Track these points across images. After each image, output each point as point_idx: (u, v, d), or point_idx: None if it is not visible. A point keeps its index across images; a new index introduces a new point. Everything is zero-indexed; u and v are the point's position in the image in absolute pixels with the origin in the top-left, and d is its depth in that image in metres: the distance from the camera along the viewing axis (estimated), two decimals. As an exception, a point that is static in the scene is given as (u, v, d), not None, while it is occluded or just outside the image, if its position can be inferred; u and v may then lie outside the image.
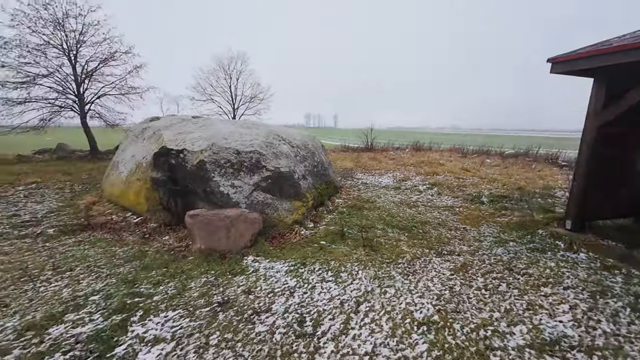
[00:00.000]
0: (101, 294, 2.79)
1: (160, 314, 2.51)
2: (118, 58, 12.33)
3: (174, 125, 5.87)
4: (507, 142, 19.98)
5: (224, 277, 3.18)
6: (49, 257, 3.61)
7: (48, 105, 11.50)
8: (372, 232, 4.49)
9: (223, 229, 3.89)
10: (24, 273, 3.16)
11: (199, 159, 4.46)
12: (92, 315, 2.44)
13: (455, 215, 5.28)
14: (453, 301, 2.67)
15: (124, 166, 6.17)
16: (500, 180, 8.23)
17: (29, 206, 6.01)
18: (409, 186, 7.76)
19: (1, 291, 2.81)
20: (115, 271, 3.28)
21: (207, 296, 2.78)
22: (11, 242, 4.18)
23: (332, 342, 2.17)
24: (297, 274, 3.22)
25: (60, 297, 2.72)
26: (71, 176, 9.07)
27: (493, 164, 11.94)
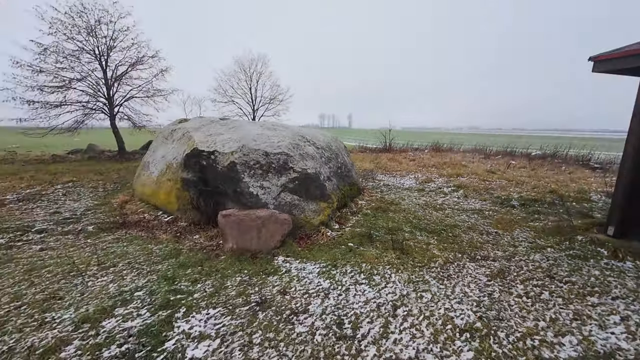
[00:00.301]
0: (145, 289, 2.91)
1: (202, 311, 2.59)
2: (145, 62, 12.83)
3: (203, 127, 6.03)
4: (529, 143, 19.23)
5: (258, 277, 3.24)
6: (92, 253, 3.81)
7: (81, 107, 12.11)
8: (400, 235, 4.44)
9: (254, 229, 3.96)
10: (72, 268, 3.35)
11: (230, 160, 4.56)
12: (140, 311, 2.56)
13: (485, 219, 5.14)
14: (494, 308, 2.60)
15: (155, 167, 6.41)
16: (529, 183, 7.93)
17: (68, 204, 6.35)
18: (432, 188, 7.62)
19: (54, 284, 2.99)
20: (155, 268, 3.41)
21: (244, 295, 2.85)
22: (56, 237, 4.43)
23: (374, 346, 2.17)
24: (330, 276, 3.24)
25: (108, 291, 2.86)
26: (103, 176, 9.51)
27: (519, 165, 11.52)
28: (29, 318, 2.42)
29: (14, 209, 5.83)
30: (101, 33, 12.01)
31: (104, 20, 11.92)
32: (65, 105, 11.63)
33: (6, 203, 6.17)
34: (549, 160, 12.96)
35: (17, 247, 4.04)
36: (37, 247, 4.03)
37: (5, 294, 2.79)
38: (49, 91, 11.29)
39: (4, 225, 4.81)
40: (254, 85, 16.38)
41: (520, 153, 15.70)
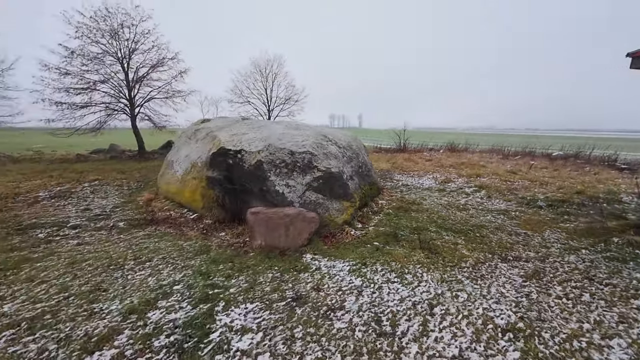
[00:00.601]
0: (182, 284, 2.99)
1: (240, 305, 2.65)
2: (165, 64, 13.14)
3: (227, 126, 6.15)
4: (547, 143, 18.69)
5: (290, 274, 3.28)
6: (127, 248, 3.94)
7: (105, 108, 12.52)
8: (426, 235, 4.41)
9: (282, 227, 4.02)
10: (110, 262, 3.48)
11: (257, 159, 4.64)
12: (181, 303, 2.64)
13: (512, 220, 5.04)
14: (533, 309, 2.56)
15: (179, 165, 6.57)
16: (553, 183, 7.72)
17: (96, 201, 6.57)
18: (453, 188, 7.52)
19: (96, 277, 3.11)
20: (188, 263, 3.50)
21: (279, 291, 2.89)
22: (90, 233, 4.61)
23: (415, 343, 2.17)
24: (361, 274, 3.25)
25: (148, 285, 2.96)
26: (125, 174, 9.79)
27: (540, 166, 11.22)
28: (78, 308, 2.53)
29: (47, 206, 6.08)
30: (123, 36, 12.38)
31: (126, 23, 12.29)
32: (90, 106, 12.05)
33: (40, 200, 6.44)
34: (572, 160, 12.57)
35: (56, 241, 4.22)
36: (75, 242, 4.20)
37: (52, 286, 2.93)
38: (75, 93, 11.71)
39: (40, 220, 5.02)
40: (270, 85, 16.60)
41: (540, 153, 15.31)
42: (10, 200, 6.27)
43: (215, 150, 5.16)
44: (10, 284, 2.94)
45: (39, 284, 2.96)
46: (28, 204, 6.10)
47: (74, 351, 2.01)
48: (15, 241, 4.12)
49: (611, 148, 13.89)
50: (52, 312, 2.46)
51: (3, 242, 4.03)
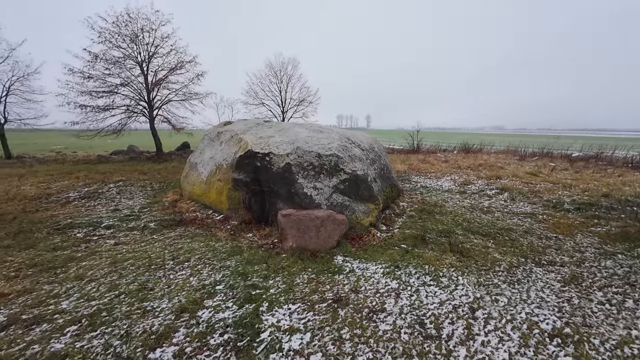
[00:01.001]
0: (223, 284, 3.09)
1: (283, 306, 2.73)
2: (183, 67, 13.42)
3: (251, 129, 6.26)
4: (562, 143, 18.28)
5: (325, 276, 3.34)
6: (162, 248, 4.07)
7: (126, 111, 12.87)
8: (454, 238, 4.41)
9: (313, 229, 4.09)
10: (150, 261, 3.61)
11: (285, 161, 4.72)
12: (226, 303, 2.73)
13: (540, 223, 4.99)
14: (577, 314, 2.55)
15: (203, 167, 6.72)
16: (577, 186, 7.58)
17: (124, 202, 6.78)
18: (474, 190, 7.46)
19: (140, 276, 3.23)
20: (225, 264, 3.60)
21: (318, 292, 2.96)
22: (125, 233, 4.77)
23: (462, 347, 2.20)
24: (395, 276, 3.28)
25: (191, 284, 3.07)
26: (147, 175, 10.05)
27: (560, 167, 11.01)
28: (131, 306, 2.65)
29: (79, 206, 6.31)
30: (143, 40, 12.70)
31: (146, 28, 12.61)
32: (112, 108, 12.40)
33: (71, 200, 6.69)
34: (592, 161, 12.28)
35: (94, 241, 4.39)
36: (112, 242, 4.36)
37: (101, 284, 3.06)
38: (98, 96, 12.07)
39: (76, 221, 5.22)
40: (284, 87, 16.76)
41: (558, 154, 15.00)
42: (44, 201, 6.53)
43: (242, 153, 5.26)
44: (62, 282, 3.09)
45: (89, 282, 3.10)
46: (61, 205, 6.34)
47: (137, 347, 2.12)
48: (56, 240, 4.30)
49: (634, 149, 13.52)
50: (107, 310, 2.58)
51: (46, 242, 4.22)
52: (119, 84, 12.54)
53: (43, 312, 2.53)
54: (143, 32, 12.55)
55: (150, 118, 13.77)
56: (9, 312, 2.51)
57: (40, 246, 4.05)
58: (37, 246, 4.05)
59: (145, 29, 12.57)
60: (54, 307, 2.62)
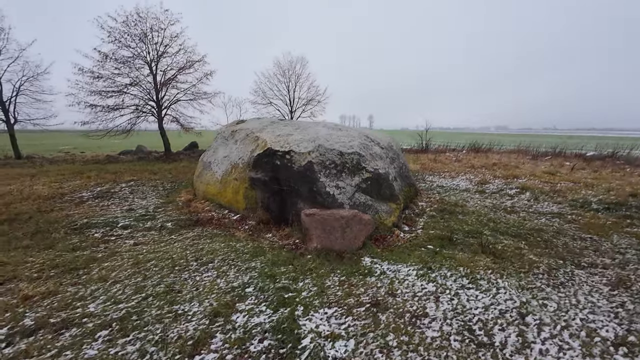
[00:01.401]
0: (253, 286, 2.96)
1: (319, 310, 2.59)
2: (192, 66, 13.35)
3: (267, 127, 6.14)
4: (572, 143, 17.98)
5: (356, 278, 3.20)
6: (183, 249, 3.95)
7: (135, 111, 12.83)
8: (484, 239, 4.24)
9: (339, 229, 3.95)
10: (173, 262, 3.49)
11: (307, 160, 4.59)
12: (259, 307, 2.60)
13: (570, 224, 4.81)
14: (637, 321, 2.39)
15: (218, 167, 6.61)
16: (598, 185, 7.36)
17: (137, 202, 6.69)
18: (493, 190, 7.28)
19: (165, 278, 3.12)
20: (250, 265, 3.48)
21: (353, 296, 2.82)
22: (142, 233, 4.67)
23: (520, 356, 2.05)
24: (430, 279, 3.14)
25: (219, 287, 2.94)
26: (157, 175, 9.96)
27: (577, 167, 10.77)
28: (160, 310, 2.53)
29: (93, 206, 6.23)
30: (152, 40, 12.65)
31: (155, 27, 12.57)
32: (121, 108, 12.37)
33: (85, 200, 6.61)
34: (608, 161, 12.01)
35: (112, 241, 4.29)
36: (131, 242, 4.26)
37: (127, 286, 2.95)
38: (107, 95, 12.05)
39: (92, 220, 5.13)
40: (293, 86, 16.64)
41: (570, 153, 14.74)
42: (58, 200, 6.46)
43: (260, 151, 5.15)
44: (86, 284, 2.98)
45: (113, 284, 2.99)
46: (75, 204, 6.26)
47: (174, 354, 1.99)
48: (75, 241, 4.21)
49: None
50: (136, 313, 2.46)
51: (65, 242, 4.13)
52: (128, 83, 12.51)
53: (71, 315, 2.42)
54: (152, 32, 12.53)
55: (158, 118, 13.72)
56: (35, 315, 2.41)
57: (60, 246, 3.96)
58: (56, 246, 3.96)
59: (155, 29, 12.54)
60: (82, 310, 2.50)
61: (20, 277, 3.06)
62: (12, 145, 12.93)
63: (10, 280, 3.00)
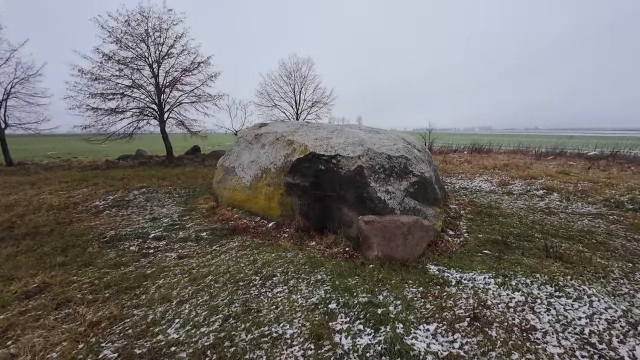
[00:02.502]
0: (334, 302, 2.75)
1: (418, 327, 2.42)
2: (196, 68, 12.96)
3: (298, 130, 5.93)
4: (573, 143, 18.52)
5: (433, 288, 3.05)
6: (235, 261, 3.70)
7: (137, 114, 12.32)
8: (542, 243, 4.17)
9: (400, 236, 3.79)
10: (233, 277, 3.24)
11: (357, 164, 4.42)
12: (356, 326, 2.40)
13: (615, 224, 4.82)
14: None
15: (244, 172, 6.35)
16: (617, 184, 7.49)
17: (157, 210, 6.34)
18: (519, 191, 7.30)
19: (234, 295, 2.87)
20: (316, 277, 3.27)
21: (445, 309, 2.66)
22: (180, 245, 4.37)
23: (658, 370, 1.93)
24: (513, 287, 3.01)
25: (299, 303, 2.72)
26: (167, 181, 9.54)
27: (580, 165, 11.02)
28: (250, 333, 2.29)
29: (112, 215, 5.85)
30: (155, 40, 12.21)
31: (158, 27, 12.13)
32: (124, 111, 11.85)
33: (101, 210, 6.21)
34: (611, 160, 12.37)
35: (152, 254, 3.99)
36: (173, 255, 3.96)
37: (196, 306, 2.69)
38: (109, 98, 11.52)
39: (120, 232, 4.79)
40: (299, 88, 16.40)
41: (570, 153, 15.14)
42: (74, 210, 6.04)
43: (300, 156, 4.94)
44: (150, 305, 2.71)
45: (180, 304, 2.72)
46: (93, 214, 5.87)
47: (298, 388, 1.78)
48: (112, 255, 3.88)
49: None
50: (227, 339, 2.22)
51: (103, 257, 3.80)
52: (130, 85, 12.00)
53: (155, 344, 2.15)
54: (155, 32, 12.07)
55: (161, 121, 13.23)
56: (114, 346, 2.13)
57: (99, 262, 3.63)
58: (96, 263, 3.63)
59: (157, 29, 12.09)
60: (163, 337, 2.24)
61: (74, 299, 2.75)
62: (3, 150, 12.18)
63: (64, 303, 2.68)
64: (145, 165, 13.04)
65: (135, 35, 11.78)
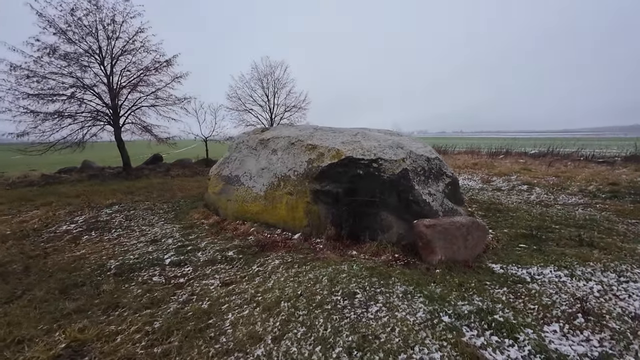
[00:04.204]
0: (444, 314, 2.56)
1: (544, 329, 2.36)
2: (157, 67, 11.57)
3: (315, 134, 5.59)
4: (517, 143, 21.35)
5: (516, 287, 3.06)
6: (296, 282, 3.25)
7: (89, 118, 10.48)
8: (560, 232, 4.55)
9: (460, 238, 3.76)
10: (312, 301, 2.82)
11: (402, 167, 4.29)
12: (490, 337, 2.24)
13: (606, 212, 5.52)
14: None
15: (253, 181, 5.79)
16: (574, 177, 8.71)
17: (148, 230, 5.43)
18: (504, 187, 8.00)
19: (328, 322, 2.48)
20: (398, 289, 3.02)
21: (549, 307, 2.66)
22: (211, 269, 3.73)
23: None
24: (584, 277, 3.18)
25: (412, 322, 2.46)
26: (139, 196, 8.37)
27: (528, 162, 12.65)
28: (393, 366, 1.97)
29: (95, 241, 4.81)
30: (108, 35, 10.59)
31: (111, 19, 10.54)
32: (72, 116, 9.95)
33: (77, 235, 5.06)
34: (549, 157, 14.44)
35: (186, 284, 3.30)
36: (216, 282, 3.34)
37: (299, 341, 2.24)
38: (49, 100, 9.58)
39: (125, 261, 3.92)
40: (273, 92, 15.64)
41: (515, 152, 17.33)
42: (40, 239, 4.79)
43: (334, 161, 4.65)
44: (242, 348, 2.17)
45: (277, 341, 2.24)
46: (69, 242, 4.73)
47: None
48: (138, 291, 3.10)
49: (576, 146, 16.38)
50: (375, 377, 1.87)
51: (126, 295, 3.00)
52: (74, 85, 10.14)
53: (298, 401, 1.70)
54: (108, 25, 10.45)
55: (115, 127, 11.45)
56: (248, 414, 1.62)
57: (128, 302, 2.85)
58: (123, 303, 2.84)
59: (110, 21, 10.49)
60: (299, 389, 1.79)
61: (137, 357, 2.07)
62: None
63: (128, 365, 2.00)
64: (97, 179, 11.12)
65: (83, 27, 10.06)
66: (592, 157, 12.89)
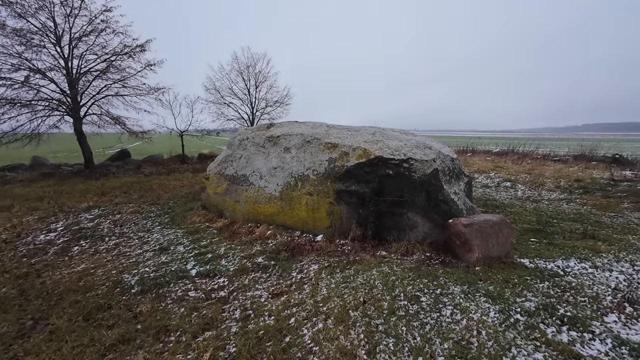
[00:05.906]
0: (515, 313, 2.64)
1: (605, 320, 2.56)
2: (129, 53, 10.34)
3: (330, 132, 5.43)
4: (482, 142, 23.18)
5: (554, 280, 3.27)
6: (349, 289, 3.12)
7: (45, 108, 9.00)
8: (560, 227, 5.00)
9: (493, 235, 3.92)
10: (377, 308, 2.73)
11: (433, 167, 4.33)
12: (570, 334, 2.36)
13: (585, 206, 6.19)
14: None
15: (265, 180, 5.47)
16: (542, 174, 9.69)
17: (146, 236, 4.93)
18: (489, 184, 8.59)
19: (410, 330, 2.41)
20: (454, 290, 3.05)
21: (595, 299, 2.89)
22: (247, 278, 3.44)
23: None
24: (605, 268, 3.52)
25: (490, 323, 2.49)
26: (115, 197, 7.41)
27: (496, 159, 13.83)
28: (505, 371, 1.97)
29: (90, 253, 4.20)
30: (65, 12, 9.17)
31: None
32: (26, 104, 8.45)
33: (64, 247, 4.33)
34: (510, 154, 15.90)
35: (230, 299, 3.00)
36: (263, 294, 3.08)
37: (396, 352, 2.14)
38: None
39: (145, 275, 3.46)
40: (254, 85, 14.78)
41: (481, 150, 18.83)
42: (18, 254, 3.98)
43: (361, 160, 4.55)
44: (343, 370, 2.01)
45: (373, 356, 2.12)
46: (57, 255, 4.04)
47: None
48: (180, 311, 2.72)
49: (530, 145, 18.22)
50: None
51: (170, 316, 2.61)
52: (26, 67, 8.65)
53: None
54: (65, 2, 9.02)
55: (75, 118, 10.02)
56: None
57: (181, 325, 2.47)
58: (173, 326, 2.46)
59: (69, -3, 9.07)
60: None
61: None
62: None
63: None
64: (54, 178, 9.67)
65: (36, 2, 8.58)
66: (548, 155, 14.44)
